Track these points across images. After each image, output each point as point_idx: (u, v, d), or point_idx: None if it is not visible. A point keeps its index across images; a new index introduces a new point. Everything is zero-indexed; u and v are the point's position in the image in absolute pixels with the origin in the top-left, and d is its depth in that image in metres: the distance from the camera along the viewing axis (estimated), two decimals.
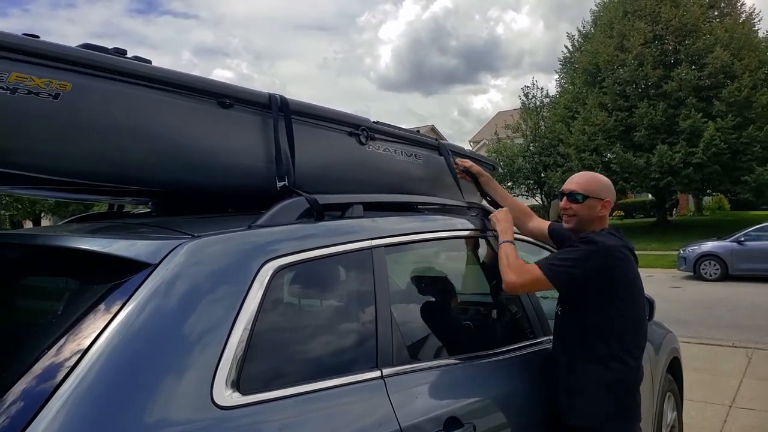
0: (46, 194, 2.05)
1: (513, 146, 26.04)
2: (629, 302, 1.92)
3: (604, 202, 2.07)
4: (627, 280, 1.93)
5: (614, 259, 1.89)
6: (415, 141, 2.37)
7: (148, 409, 1.06)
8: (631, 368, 1.89)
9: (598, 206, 2.06)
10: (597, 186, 2.09)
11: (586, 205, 2.06)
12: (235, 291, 1.26)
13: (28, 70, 1.25)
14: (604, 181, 2.14)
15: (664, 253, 16.86)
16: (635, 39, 20.37)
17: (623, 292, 1.91)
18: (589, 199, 2.06)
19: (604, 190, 2.09)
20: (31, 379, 1.03)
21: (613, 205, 2.13)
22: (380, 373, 1.48)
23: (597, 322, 1.90)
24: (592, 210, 2.06)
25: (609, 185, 2.13)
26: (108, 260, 1.23)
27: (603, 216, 2.08)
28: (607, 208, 2.08)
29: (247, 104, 1.69)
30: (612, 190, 2.12)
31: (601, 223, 2.08)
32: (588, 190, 2.07)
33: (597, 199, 2.06)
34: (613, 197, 2.11)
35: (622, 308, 1.90)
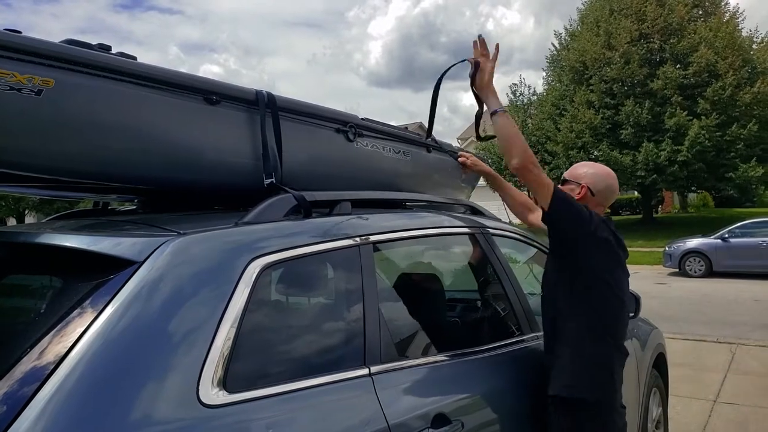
0: (29, 192, 2.02)
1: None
2: (611, 286, 1.89)
3: (581, 187, 2.03)
4: (611, 265, 1.91)
5: (603, 239, 1.87)
6: (404, 138, 2.37)
7: (133, 408, 1.05)
8: (609, 346, 1.89)
9: (577, 190, 2.03)
10: (582, 171, 2.07)
11: (565, 187, 2.05)
12: (222, 289, 1.25)
13: (10, 66, 1.23)
14: (597, 170, 2.09)
15: (649, 249, 17.03)
16: (622, 37, 20.52)
17: (605, 274, 1.89)
18: (567, 182, 2.06)
19: (587, 175, 2.05)
20: (13, 379, 1.02)
21: (602, 200, 2.06)
22: (368, 370, 1.48)
23: (575, 303, 1.88)
24: (570, 193, 2.00)
25: (598, 174, 2.07)
26: (93, 258, 1.21)
27: (581, 199, 2.01)
28: (582, 194, 2.02)
29: (234, 101, 1.68)
30: (599, 179, 2.05)
31: None
32: (571, 174, 2.08)
33: (575, 183, 2.05)
34: (597, 185, 2.04)
35: (602, 290, 1.87)
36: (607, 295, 1.88)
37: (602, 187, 2.06)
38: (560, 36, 24.73)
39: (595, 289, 1.87)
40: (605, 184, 2.07)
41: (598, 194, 2.05)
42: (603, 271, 1.89)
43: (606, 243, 1.88)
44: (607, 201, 2.11)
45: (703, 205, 30.61)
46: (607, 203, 2.11)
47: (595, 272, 1.88)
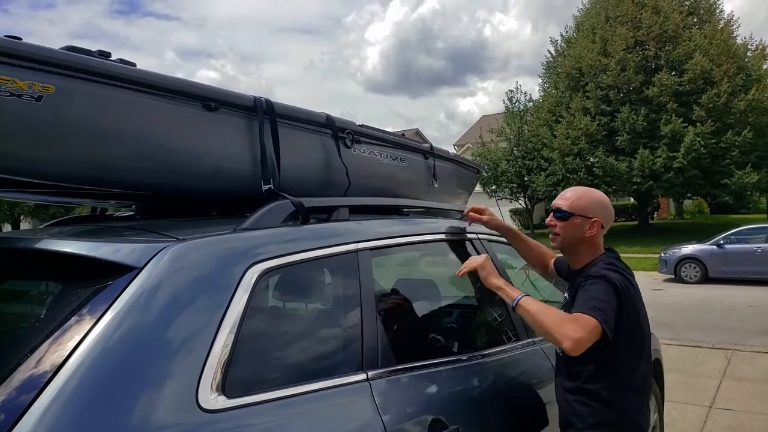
0: (27, 197, 2.02)
1: (497, 150, 26.18)
2: (640, 337, 1.77)
3: (592, 221, 1.83)
4: (637, 316, 1.76)
5: (627, 301, 1.70)
6: (400, 144, 2.38)
7: (133, 414, 1.06)
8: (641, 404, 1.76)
9: (586, 225, 1.83)
10: (585, 202, 1.85)
11: (570, 223, 1.85)
12: (220, 294, 1.26)
13: (11, 72, 1.24)
14: (597, 198, 1.89)
15: (645, 256, 17.07)
16: (617, 44, 20.65)
17: (637, 330, 1.75)
18: (573, 216, 1.84)
19: (593, 207, 1.85)
20: (12, 386, 1.02)
21: (607, 229, 1.89)
22: (365, 375, 1.48)
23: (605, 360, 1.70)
24: (578, 229, 1.84)
25: (602, 203, 1.88)
26: (92, 264, 1.22)
27: (592, 237, 1.84)
28: (595, 228, 1.83)
29: (232, 107, 1.69)
30: (605, 209, 1.88)
31: (591, 245, 1.86)
32: (573, 207, 1.85)
33: (583, 218, 1.83)
34: (605, 217, 1.86)
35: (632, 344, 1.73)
36: (642, 345, 1.77)
37: (608, 216, 1.90)
38: (556, 43, 24.90)
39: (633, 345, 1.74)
40: (609, 211, 1.91)
41: (606, 225, 1.89)
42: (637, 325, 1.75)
43: (632, 301, 1.73)
44: (608, 228, 1.93)
45: (698, 211, 30.74)
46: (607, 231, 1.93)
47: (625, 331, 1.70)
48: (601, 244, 1.88)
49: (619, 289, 1.67)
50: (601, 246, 1.88)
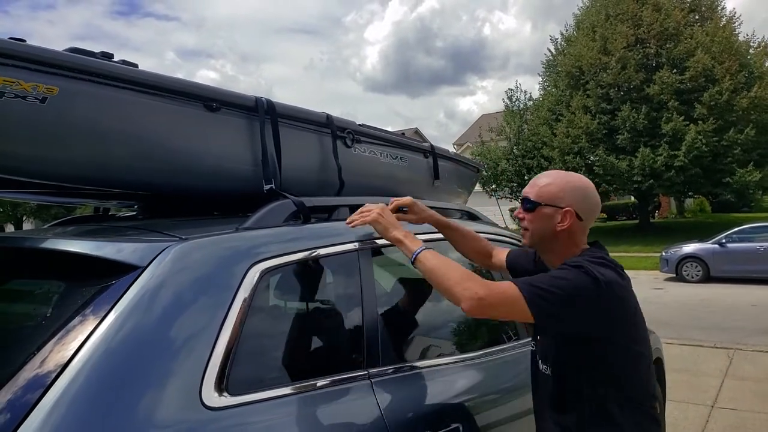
0: (29, 197, 2.04)
1: (497, 149, 26.16)
2: (639, 343, 1.45)
3: (564, 211, 1.49)
4: (630, 318, 1.44)
5: (616, 299, 1.39)
6: (400, 143, 2.39)
7: (138, 411, 1.07)
8: (647, 415, 1.45)
9: (557, 217, 1.49)
10: (555, 189, 1.52)
11: (538, 214, 1.52)
12: (223, 293, 1.27)
13: (15, 74, 1.26)
14: (573, 183, 1.54)
15: (646, 255, 17.06)
16: (618, 42, 20.62)
17: (632, 334, 1.44)
18: (541, 206, 1.52)
19: (566, 194, 1.50)
20: (18, 384, 1.03)
21: (589, 222, 1.55)
22: (367, 373, 1.49)
23: (603, 379, 1.42)
24: (547, 222, 1.51)
25: (578, 189, 1.53)
26: (97, 263, 1.23)
27: (566, 230, 1.50)
28: (568, 219, 1.49)
29: (234, 107, 1.70)
30: (583, 197, 1.52)
31: (568, 241, 1.51)
32: (541, 195, 1.52)
33: (553, 207, 1.50)
34: (584, 206, 1.52)
35: (629, 354, 1.43)
36: (638, 361, 1.46)
37: (589, 206, 1.53)
38: (556, 41, 24.86)
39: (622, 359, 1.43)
40: (590, 200, 1.54)
41: (587, 217, 1.52)
42: (627, 337, 1.43)
43: (620, 299, 1.40)
44: (593, 220, 1.57)
45: (700, 210, 30.69)
46: (592, 223, 1.57)
47: (621, 342, 1.42)
48: (581, 240, 1.54)
49: (601, 282, 1.34)
50: (581, 242, 1.54)
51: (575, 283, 1.34)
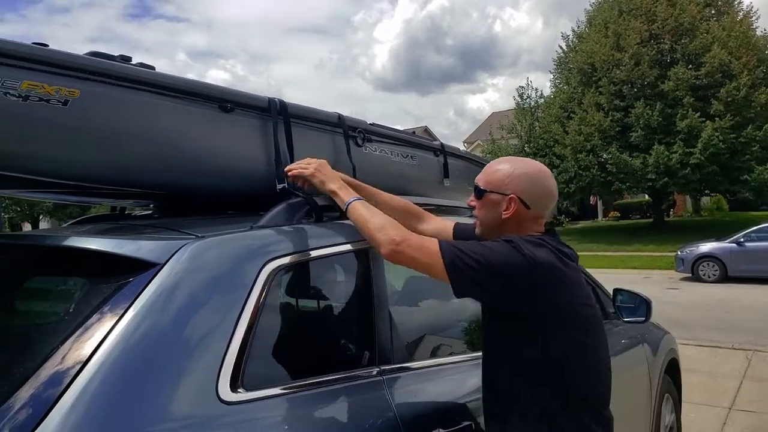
0: (48, 197, 2.08)
1: (508, 147, 26.06)
2: (576, 340, 1.34)
3: (509, 198, 1.41)
4: (570, 309, 1.33)
5: (548, 278, 1.30)
6: (411, 142, 2.41)
7: (157, 406, 1.10)
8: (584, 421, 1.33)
9: (503, 204, 1.42)
10: (502, 174, 1.44)
11: (484, 201, 1.46)
12: (238, 290, 1.30)
13: (39, 78, 1.30)
14: (522, 168, 1.44)
15: (661, 254, 16.89)
16: (631, 38, 20.43)
17: (565, 325, 1.33)
18: (487, 193, 1.45)
19: (512, 180, 1.42)
20: (40, 381, 1.06)
21: (540, 211, 1.45)
22: (379, 370, 1.51)
23: (530, 365, 1.34)
24: (493, 209, 1.44)
25: (526, 174, 1.43)
26: (116, 260, 1.26)
27: (513, 219, 1.42)
28: (513, 207, 1.41)
29: (248, 108, 1.73)
30: (532, 184, 1.43)
31: (518, 229, 1.42)
32: (489, 181, 1.46)
33: (499, 194, 1.43)
34: (532, 193, 1.42)
35: (566, 347, 1.32)
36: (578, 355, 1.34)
37: (539, 194, 1.44)
38: (567, 38, 24.69)
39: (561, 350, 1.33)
40: (541, 187, 1.44)
41: (536, 205, 1.43)
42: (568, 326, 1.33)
43: (555, 281, 1.31)
44: (546, 210, 1.47)
45: (717, 208, 30.29)
46: (546, 213, 1.47)
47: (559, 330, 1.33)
48: (530, 230, 1.44)
49: (528, 258, 1.26)
50: (531, 232, 1.43)
51: (502, 255, 1.29)
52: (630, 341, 2.85)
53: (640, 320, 2.81)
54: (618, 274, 13.65)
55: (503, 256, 1.28)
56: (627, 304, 2.85)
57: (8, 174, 1.41)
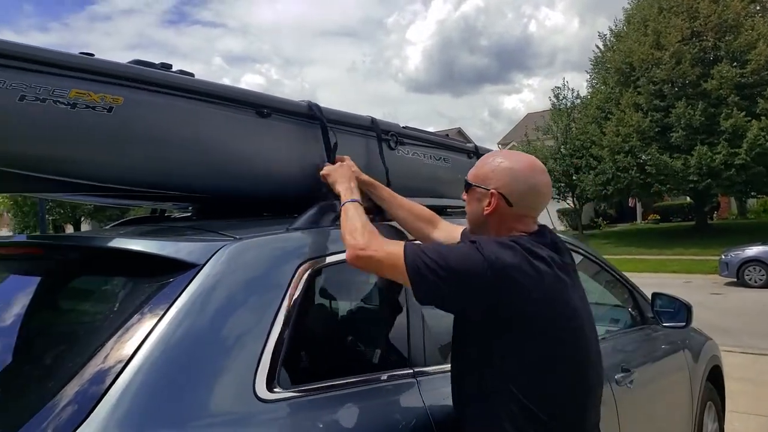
0: (92, 199, 2.16)
1: (543, 148, 25.68)
2: (546, 354, 1.25)
3: (490, 193, 1.35)
4: (536, 318, 1.24)
5: (509, 282, 1.21)
6: (444, 145, 2.41)
7: (195, 403, 1.13)
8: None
9: (485, 199, 1.37)
10: (487, 169, 1.39)
11: (470, 195, 1.43)
12: (274, 291, 1.33)
13: (86, 86, 1.35)
14: (506, 163, 1.38)
15: (704, 258, 16.39)
16: (672, 36, 19.91)
17: (531, 336, 1.24)
18: (472, 188, 1.42)
19: (495, 175, 1.36)
20: (86, 376, 1.10)
21: (525, 210, 1.38)
22: (413, 372, 1.52)
23: (495, 373, 1.27)
24: (477, 204, 1.40)
25: (508, 169, 1.36)
26: (157, 261, 1.30)
27: (494, 215, 1.36)
28: (494, 203, 1.35)
29: (285, 113, 1.76)
30: (513, 177, 1.36)
31: (501, 227, 1.37)
32: (475, 176, 1.41)
33: (482, 189, 1.38)
34: (515, 189, 1.35)
35: (534, 360, 1.24)
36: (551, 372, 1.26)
37: (522, 190, 1.36)
38: (604, 37, 24.22)
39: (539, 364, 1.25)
40: (526, 183, 1.36)
41: (519, 202, 1.36)
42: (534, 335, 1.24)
43: (516, 286, 1.21)
44: (535, 208, 1.39)
45: (763, 210, 29.16)
46: (535, 212, 1.40)
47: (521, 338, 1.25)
48: (514, 228, 1.37)
49: (488, 260, 1.20)
50: (515, 230, 1.37)
51: (461, 255, 1.23)
52: (670, 347, 2.78)
53: (681, 325, 2.74)
54: (658, 278, 13.29)
55: (462, 257, 1.23)
56: (666, 308, 2.78)
57: (56, 178, 1.48)
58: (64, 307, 1.64)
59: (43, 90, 1.29)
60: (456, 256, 1.24)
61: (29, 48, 1.29)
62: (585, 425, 1.32)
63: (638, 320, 2.74)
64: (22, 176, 1.44)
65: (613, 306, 2.94)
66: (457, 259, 1.23)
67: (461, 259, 1.23)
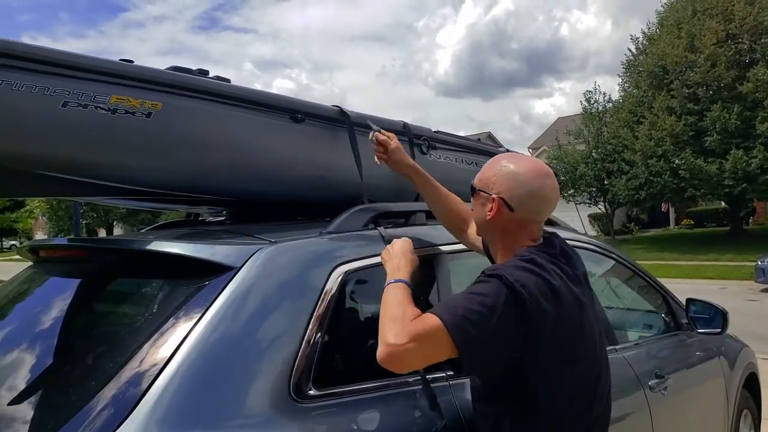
0: (128, 203, 2.21)
1: (574, 152, 25.33)
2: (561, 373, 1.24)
3: (491, 198, 1.31)
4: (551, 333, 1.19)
5: (548, 312, 1.18)
6: (476, 149, 2.41)
7: (234, 403, 1.16)
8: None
9: (488, 205, 1.32)
10: (491, 172, 1.34)
11: (474, 200, 1.38)
12: (309, 293, 1.35)
13: (126, 92, 1.40)
14: (511, 167, 1.32)
15: (739, 264, 15.92)
16: (707, 39, 19.47)
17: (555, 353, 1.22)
18: (477, 193, 1.37)
19: (499, 179, 1.32)
20: (124, 378, 1.12)
21: (528, 214, 1.32)
22: (446, 375, 1.52)
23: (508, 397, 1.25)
24: (480, 210, 1.36)
25: (512, 173, 1.31)
26: (194, 264, 1.33)
27: (496, 221, 1.32)
28: (495, 208, 1.30)
29: (318, 118, 1.79)
30: (515, 182, 1.30)
31: (505, 233, 1.34)
32: (480, 179, 1.37)
33: (485, 194, 1.33)
34: (517, 193, 1.29)
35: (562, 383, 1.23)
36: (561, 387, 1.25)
37: (523, 195, 1.30)
38: (637, 40, 23.82)
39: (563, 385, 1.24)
40: (528, 188, 1.30)
41: (520, 207, 1.30)
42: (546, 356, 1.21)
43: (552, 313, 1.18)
44: (538, 213, 1.33)
45: None
46: (539, 217, 1.34)
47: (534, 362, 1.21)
48: (519, 235, 1.32)
49: (520, 294, 1.15)
50: (521, 238, 1.32)
51: (494, 295, 1.15)
52: (705, 354, 2.72)
53: (716, 332, 2.68)
54: (692, 285, 12.96)
55: (494, 299, 1.15)
56: (701, 314, 2.71)
57: (94, 182, 1.53)
58: (104, 309, 1.68)
59: (84, 96, 1.33)
60: (491, 301, 1.15)
61: (72, 55, 1.34)
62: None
63: (672, 326, 2.69)
64: (56, 179, 1.49)
65: (646, 311, 2.89)
66: (494, 304, 1.15)
67: (494, 302, 1.15)
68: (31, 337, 1.50)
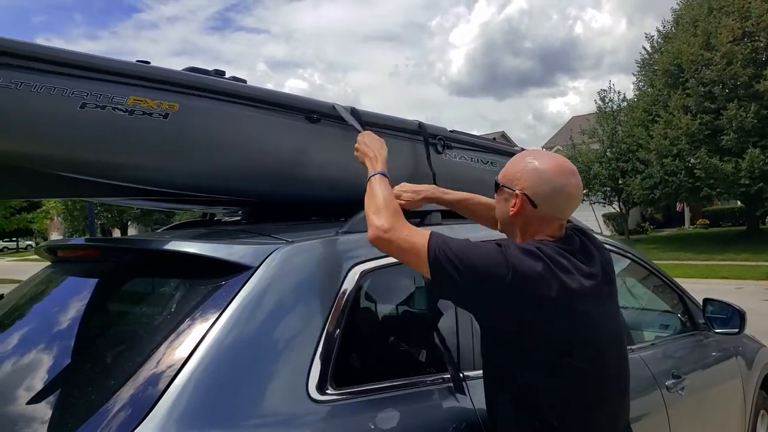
0: (144, 204, 2.23)
1: (589, 152, 25.13)
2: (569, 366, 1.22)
3: (515, 194, 1.32)
4: (551, 331, 1.21)
5: (525, 290, 1.18)
6: (491, 148, 2.40)
7: (250, 403, 1.16)
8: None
9: (511, 200, 1.33)
10: (515, 169, 1.36)
11: (498, 195, 1.40)
12: (326, 293, 1.35)
13: (143, 93, 1.40)
14: (534, 163, 1.33)
15: (756, 264, 15.72)
16: (723, 37, 19.22)
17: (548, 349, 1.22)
18: (500, 188, 1.39)
19: (523, 175, 1.33)
20: (141, 378, 1.13)
21: (552, 211, 1.32)
22: (461, 375, 1.52)
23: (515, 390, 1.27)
24: (503, 205, 1.37)
25: (536, 170, 1.32)
26: (213, 263, 1.34)
27: (519, 217, 1.33)
28: (518, 204, 1.31)
29: (333, 119, 1.79)
30: (539, 179, 1.31)
31: (527, 229, 1.34)
32: (504, 175, 1.39)
33: (508, 190, 1.35)
34: (540, 190, 1.30)
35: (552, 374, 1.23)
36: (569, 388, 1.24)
37: (547, 192, 1.30)
38: (652, 39, 23.59)
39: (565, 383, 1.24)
40: (551, 185, 1.30)
41: (544, 204, 1.30)
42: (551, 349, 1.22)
43: (535, 297, 1.19)
44: (562, 211, 1.34)
45: None
46: (562, 214, 1.34)
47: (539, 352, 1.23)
48: (541, 231, 1.33)
49: (511, 265, 1.17)
50: (540, 234, 1.33)
51: (485, 255, 1.20)
52: (722, 354, 2.70)
53: (734, 332, 2.65)
54: (707, 284, 12.80)
55: (485, 255, 1.20)
56: (718, 314, 2.69)
57: (111, 182, 1.54)
58: (122, 309, 1.69)
59: (102, 97, 1.34)
60: (479, 253, 1.22)
61: (90, 57, 1.34)
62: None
63: (689, 326, 2.66)
64: (73, 180, 1.50)
65: (662, 311, 2.87)
66: (479, 257, 1.21)
67: (484, 257, 1.21)
68: (49, 336, 1.51)
